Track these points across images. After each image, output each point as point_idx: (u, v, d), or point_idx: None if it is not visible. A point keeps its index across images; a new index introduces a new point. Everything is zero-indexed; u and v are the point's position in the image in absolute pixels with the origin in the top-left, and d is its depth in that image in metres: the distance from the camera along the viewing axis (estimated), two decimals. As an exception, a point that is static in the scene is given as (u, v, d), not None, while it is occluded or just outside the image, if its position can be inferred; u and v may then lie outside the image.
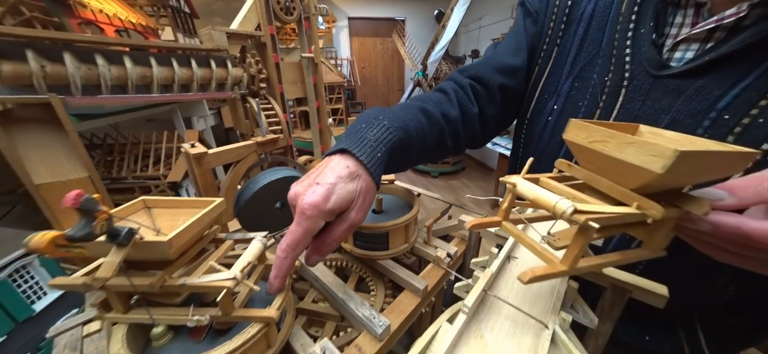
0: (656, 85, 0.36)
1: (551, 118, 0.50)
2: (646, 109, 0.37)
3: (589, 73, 0.44)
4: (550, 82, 0.50)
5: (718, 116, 0.32)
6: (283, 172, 0.50)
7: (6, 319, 0.94)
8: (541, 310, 0.32)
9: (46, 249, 0.20)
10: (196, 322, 0.29)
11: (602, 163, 0.26)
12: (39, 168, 0.38)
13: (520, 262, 0.41)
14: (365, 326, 0.40)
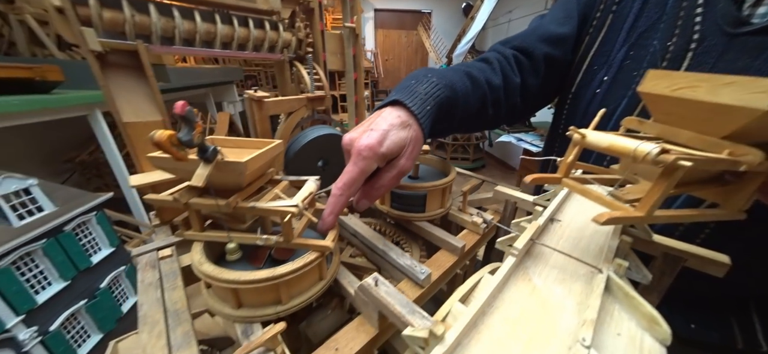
0: (732, 44, 0.34)
1: (600, 90, 0.49)
2: (717, 72, 0.35)
3: (649, 40, 0.42)
4: (602, 52, 0.48)
5: None
6: (326, 129, 0.52)
7: (70, 266, 1.05)
8: (592, 259, 0.32)
9: (164, 143, 0.23)
10: (264, 241, 0.32)
11: (686, 111, 0.25)
12: (126, 108, 0.43)
13: (564, 224, 0.41)
14: (407, 274, 0.41)
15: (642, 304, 0.25)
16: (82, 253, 1.11)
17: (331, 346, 0.31)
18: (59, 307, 1.02)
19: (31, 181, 0.96)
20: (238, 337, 0.30)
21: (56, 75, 1.19)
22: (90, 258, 1.15)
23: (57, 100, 1.18)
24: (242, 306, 0.31)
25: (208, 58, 2.49)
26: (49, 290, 1.00)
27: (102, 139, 1.46)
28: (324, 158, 0.53)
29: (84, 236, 1.14)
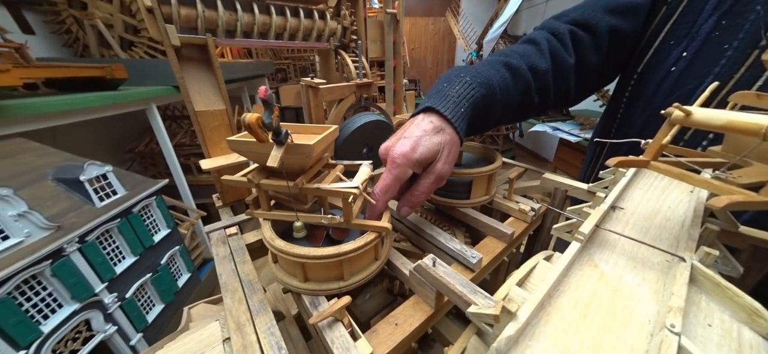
0: None
1: (676, 68, 0.44)
2: None
3: (748, 6, 0.37)
4: (682, 23, 0.43)
5: None
6: (372, 116, 0.53)
7: (138, 244, 1.19)
8: (668, 247, 0.30)
9: (253, 124, 0.25)
10: (328, 220, 0.34)
11: None
12: (197, 98, 0.48)
13: (628, 212, 0.38)
14: (456, 258, 0.41)
15: (739, 295, 0.23)
16: (146, 232, 1.25)
17: (390, 321, 0.33)
18: (131, 279, 1.17)
19: (108, 168, 1.10)
20: (307, 307, 0.32)
21: (122, 73, 1.33)
22: (152, 237, 1.29)
23: (123, 95, 1.32)
24: (308, 280, 0.34)
25: (243, 53, 2.62)
26: (124, 263, 1.14)
27: (157, 131, 1.61)
28: (368, 145, 0.55)
29: (147, 217, 1.28)
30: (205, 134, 0.49)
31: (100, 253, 1.05)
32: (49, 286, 0.91)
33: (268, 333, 0.29)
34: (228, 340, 0.29)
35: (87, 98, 1.15)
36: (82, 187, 1.02)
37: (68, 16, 1.49)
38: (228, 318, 0.31)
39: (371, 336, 0.30)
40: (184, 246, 1.51)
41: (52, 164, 1.02)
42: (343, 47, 0.62)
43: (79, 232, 0.97)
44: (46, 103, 1.02)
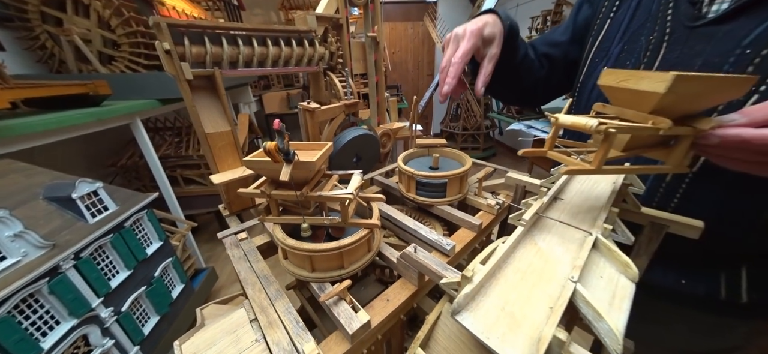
0: (692, 35, 0.43)
1: (592, 75, 0.57)
2: (682, 57, 0.43)
3: (638, 36, 0.49)
4: (601, 49, 0.56)
5: (741, 52, 0.38)
6: (359, 131, 0.62)
7: (131, 258, 1.21)
8: (586, 227, 0.40)
9: (273, 150, 0.33)
10: (330, 221, 0.42)
11: (627, 97, 0.34)
12: (206, 122, 0.54)
13: (566, 201, 0.49)
14: (435, 246, 0.51)
15: (619, 255, 0.33)
16: (139, 245, 1.27)
17: (383, 298, 0.41)
18: (126, 292, 1.19)
19: (99, 184, 1.11)
20: (316, 291, 0.40)
21: (106, 89, 1.33)
22: (145, 250, 1.30)
23: (108, 111, 1.32)
24: (315, 270, 0.42)
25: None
26: (118, 278, 1.16)
27: (142, 144, 1.61)
28: (357, 154, 0.63)
29: (139, 231, 1.29)
30: (214, 153, 0.55)
31: (95, 268, 1.06)
32: (46, 304, 0.92)
33: (286, 312, 0.37)
34: (254, 320, 0.37)
35: (72, 116, 1.16)
36: (74, 204, 1.03)
37: (42, 32, 1.46)
38: (252, 304, 0.38)
39: (368, 309, 0.39)
40: (176, 257, 1.52)
41: (41, 183, 1.02)
42: (331, 69, 0.70)
43: (74, 249, 0.98)
44: (33, 123, 1.03)
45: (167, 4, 1.74)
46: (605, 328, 0.26)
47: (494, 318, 0.29)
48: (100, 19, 1.48)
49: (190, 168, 2.11)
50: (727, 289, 0.47)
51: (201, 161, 2.10)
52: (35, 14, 1.40)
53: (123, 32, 1.50)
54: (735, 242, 0.45)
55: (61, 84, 1.16)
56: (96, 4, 1.41)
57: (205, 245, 2.40)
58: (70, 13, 1.43)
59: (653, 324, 0.54)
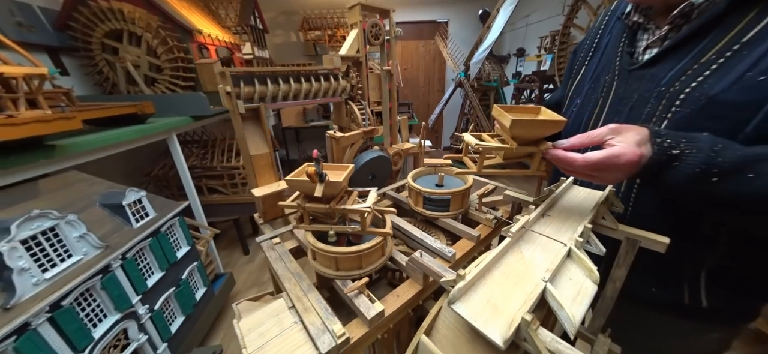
0: (631, 76, 0.55)
1: (574, 108, 0.66)
2: (626, 91, 0.55)
3: (601, 77, 0.61)
4: (577, 87, 0.66)
5: (660, 89, 0.49)
6: (374, 153, 0.72)
7: (164, 260, 1.34)
8: (565, 240, 0.48)
9: (312, 174, 0.44)
10: (353, 229, 0.52)
11: (501, 124, 0.48)
12: (251, 146, 0.66)
13: (552, 217, 0.57)
14: (438, 254, 0.59)
15: (586, 262, 0.41)
16: (171, 249, 1.40)
17: (394, 294, 0.50)
18: (159, 292, 1.31)
19: (142, 193, 1.26)
20: (340, 286, 0.50)
21: (151, 108, 1.51)
22: (176, 253, 1.44)
23: (151, 128, 1.49)
24: (339, 269, 0.51)
25: (249, 82, 2.83)
26: (154, 278, 1.29)
27: (176, 157, 1.78)
28: (373, 173, 0.73)
29: (172, 236, 1.43)
30: (256, 171, 0.66)
31: (136, 268, 1.20)
32: (98, 298, 1.05)
33: (317, 302, 0.46)
34: (292, 308, 0.46)
35: (125, 133, 1.33)
36: (123, 210, 1.18)
37: (101, 60, 1.68)
38: (289, 295, 0.48)
39: (382, 302, 0.48)
40: (201, 262, 1.65)
41: (98, 192, 1.18)
42: (352, 98, 0.82)
43: (122, 251, 1.12)
44: (94, 139, 1.20)
45: (204, 33, 1.95)
46: (564, 316, 0.34)
47: (481, 307, 0.38)
48: (148, 48, 1.69)
49: (215, 178, 2.28)
50: (689, 296, 0.53)
51: (224, 172, 2.27)
52: (97, 45, 1.62)
53: (166, 58, 1.71)
54: (691, 253, 0.52)
55: (117, 105, 1.34)
56: (147, 35, 1.62)
57: (222, 252, 2.53)
58: (126, 43, 1.65)
59: (637, 330, 0.60)
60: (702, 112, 0.44)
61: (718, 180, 0.39)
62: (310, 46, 4.01)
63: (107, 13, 1.58)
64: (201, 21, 2.17)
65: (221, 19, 2.69)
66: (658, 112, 0.48)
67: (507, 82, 4.20)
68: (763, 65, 0.39)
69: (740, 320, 0.55)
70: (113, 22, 1.60)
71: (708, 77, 0.43)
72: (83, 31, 1.62)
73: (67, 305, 0.92)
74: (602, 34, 0.66)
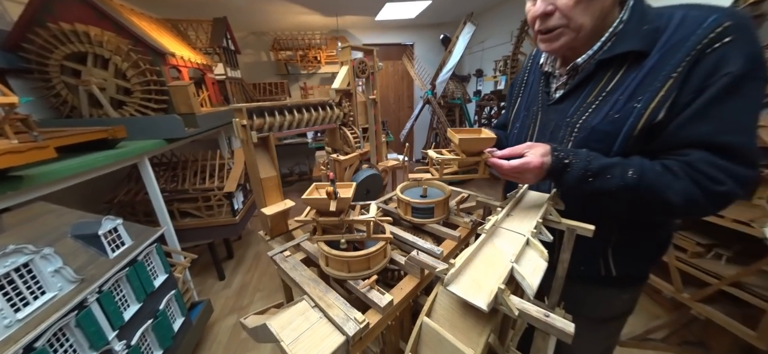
0: (548, 109, 0.73)
1: (516, 130, 0.84)
2: (546, 121, 0.73)
3: (531, 106, 0.79)
4: (516, 114, 0.85)
5: (567, 120, 0.67)
6: (370, 171, 0.84)
7: (142, 290, 1.28)
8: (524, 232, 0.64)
9: (330, 192, 0.53)
10: (360, 237, 0.62)
11: (454, 142, 0.65)
12: (261, 170, 0.72)
13: (514, 217, 0.72)
14: (429, 252, 0.71)
15: (539, 247, 0.57)
16: (149, 278, 1.34)
17: (397, 287, 0.61)
18: (136, 325, 1.24)
19: (119, 221, 1.21)
20: (353, 286, 0.59)
21: (122, 133, 1.46)
22: (153, 282, 1.37)
23: (123, 152, 1.44)
24: (351, 271, 0.61)
25: (220, 100, 2.78)
26: (130, 310, 1.22)
27: (147, 181, 1.71)
28: (368, 189, 0.84)
29: (148, 264, 1.37)
30: (266, 192, 0.73)
31: (113, 301, 1.14)
32: (71, 337, 0.98)
33: (336, 299, 0.55)
34: (315, 307, 0.54)
35: (96, 159, 1.28)
36: (97, 240, 1.13)
37: (59, 82, 1.58)
38: (311, 295, 0.56)
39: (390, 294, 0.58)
40: (178, 290, 1.58)
41: (68, 223, 1.12)
42: (344, 124, 0.93)
43: (99, 283, 1.07)
44: (64, 167, 1.14)
45: (177, 55, 1.93)
46: (526, 285, 0.48)
47: (468, 286, 0.50)
48: (117, 70, 1.64)
49: (187, 201, 2.19)
50: (604, 269, 0.72)
51: (199, 195, 2.19)
52: (55, 68, 1.53)
53: (138, 81, 1.66)
54: (600, 237, 0.70)
55: (88, 130, 1.29)
56: (116, 58, 1.58)
57: (195, 279, 2.39)
58: (90, 65, 1.58)
59: (579, 301, 0.77)
60: (588, 137, 0.63)
61: (592, 179, 0.58)
62: (281, 66, 4.05)
63: (70, 35, 1.52)
64: (172, 43, 2.13)
65: (191, 41, 2.65)
66: (566, 135, 0.67)
67: (469, 99, 4.62)
68: (617, 107, 0.59)
69: (639, 282, 0.76)
70: (76, 45, 1.54)
71: (590, 114, 0.63)
72: (39, 54, 1.52)
73: (41, 347, 0.87)
74: (529, 74, 0.85)
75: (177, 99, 1.80)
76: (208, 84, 2.51)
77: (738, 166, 0.53)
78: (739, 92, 0.53)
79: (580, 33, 0.60)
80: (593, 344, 0.86)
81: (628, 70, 0.60)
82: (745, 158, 0.53)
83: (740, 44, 0.52)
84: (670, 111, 0.56)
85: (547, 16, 0.60)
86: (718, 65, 0.52)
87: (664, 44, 0.57)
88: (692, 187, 0.54)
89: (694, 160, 0.54)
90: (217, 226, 2.19)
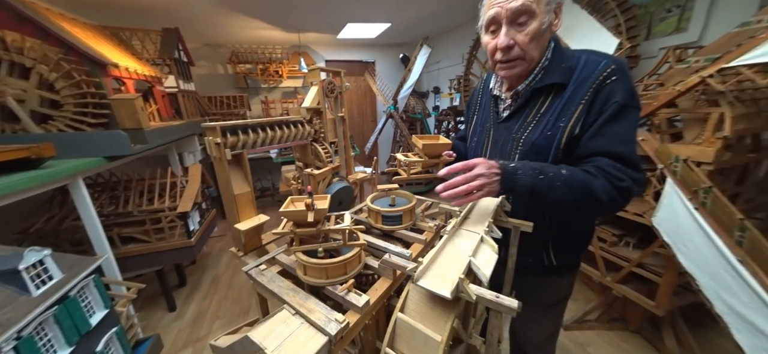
0: (498, 126, 0.86)
1: (473, 144, 0.98)
2: (497, 136, 0.85)
3: (485, 123, 0.93)
4: (473, 130, 0.99)
5: (513, 136, 0.80)
6: (341, 184, 0.89)
7: (74, 332, 1.11)
8: (479, 231, 0.74)
9: (309, 203, 0.57)
10: (337, 244, 0.66)
11: (417, 147, 0.79)
12: (235, 186, 0.71)
13: (471, 219, 0.84)
14: (399, 255, 0.78)
15: (491, 243, 0.67)
16: (84, 317, 1.16)
17: (374, 289, 0.66)
18: (67, 372, 1.07)
19: (46, 252, 1.05)
20: (331, 290, 0.63)
21: (50, 151, 1.27)
22: (89, 320, 1.20)
23: (53, 173, 1.26)
24: (329, 277, 0.65)
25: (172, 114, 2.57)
26: (60, 355, 1.05)
27: (82, 205, 1.51)
28: (340, 200, 0.88)
29: (83, 299, 1.20)
30: (239, 207, 0.72)
31: (36, 348, 0.97)
32: (-20, 396, 0.82)
33: (316, 304, 0.58)
34: (296, 314, 0.57)
35: (16, 181, 1.10)
36: (18, 277, 0.96)
37: (-39, 92, 1.34)
38: (291, 304, 0.58)
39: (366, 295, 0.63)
40: (121, 327, 1.39)
41: (-22, 258, 0.94)
42: (315, 140, 0.97)
43: (16, 328, 0.91)
44: (-26, 192, 0.97)
45: (121, 66, 1.77)
46: (481, 274, 0.58)
47: (435, 279, 0.58)
48: (41, 80, 1.45)
49: (131, 225, 1.95)
50: (547, 260, 0.87)
51: (146, 217, 1.96)
52: (-42, 75, 1.30)
53: (69, 93, 1.49)
54: (542, 232, 0.85)
55: (5, 149, 1.11)
56: (41, 67, 1.40)
57: (139, 313, 2.11)
58: (5, 74, 1.37)
59: (530, 289, 0.91)
60: (530, 150, 0.78)
61: (542, 177, 0.70)
62: (240, 79, 3.89)
63: (-21, 39, 1.31)
64: (113, 53, 1.94)
65: (137, 52, 2.43)
66: (514, 148, 0.81)
67: (429, 114, 4.95)
68: (548, 125, 0.75)
69: (574, 269, 0.93)
70: (-12, 50, 1.33)
71: (530, 131, 0.78)
72: (-65, 58, 1.28)
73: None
74: (482, 95, 0.99)
75: (121, 113, 1.64)
76: (157, 97, 2.31)
77: (628, 168, 0.71)
78: (623, 116, 0.71)
79: (531, 64, 0.76)
80: (543, 327, 1.01)
81: (554, 97, 0.77)
82: (632, 163, 0.71)
83: (622, 82, 0.70)
84: (582, 128, 0.73)
85: (509, 48, 0.74)
86: (609, 96, 0.70)
87: (576, 79, 0.74)
88: (607, 183, 0.69)
89: (602, 164, 0.71)
90: (168, 250, 1.99)
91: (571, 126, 0.73)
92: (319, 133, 0.95)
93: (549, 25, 0.71)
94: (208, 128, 0.65)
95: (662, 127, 1.38)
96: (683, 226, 1.14)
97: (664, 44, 1.86)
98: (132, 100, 1.65)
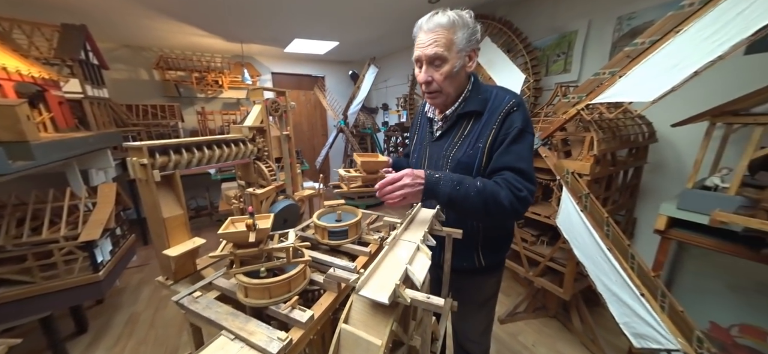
0: (432, 144, 1.01)
1: (414, 160, 1.10)
2: (432, 153, 1.00)
3: (422, 140, 1.06)
4: (415, 147, 1.12)
5: (443, 153, 0.94)
6: (286, 202, 0.89)
7: None
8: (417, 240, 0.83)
9: (250, 224, 0.58)
10: (281, 263, 0.67)
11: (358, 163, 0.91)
12: (164, 209, 0.64)
13: (411, 230, 0.93)
14: (345, 269, 0.82)
15: (426, 250, 0.77)
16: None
17: (319, 304, 0.69)
18: None
19: None
20: (274, 310, 0.63)
21: None
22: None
23: None
24: (272, 296, 0.65)
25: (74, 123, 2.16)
26: None
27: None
28: (285, 218, 0.88)
29: None
30: (169, 232, 0.65)
31: None
32: None
33: (258, 326, 0.58)
34: (235, 339, 0.55)
35: None
36: None
37: None
38: (231, 329, 0.57)
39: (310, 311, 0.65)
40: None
41: None
42: (259, 159, 0.95)
43: None
44: None
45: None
46: (415, 278, 0.66)
47: (375, 288, 0.64)
48: None
49: (7, 263, 1.54)
50: (477, 262, 1.02)
51: (28, 251, 1.58)
52: None
53: None
54: (471, 237, 1.00)
55: None
56: None
57: (17, 376, 1.65)
58: None
59: (465, 289, 1.03)
60: (457, 166, 0.92)
61: (459, 187, 0.83)
62: (170, 87, 3.48)
63: None
64: (-15, 47, 1.58)
65: (20, 48, 1.99)
66: (444, 164, 0.95)
67: (378, 129, 5.14)
68: (471, 145, 0.91)
69: (500, 268, 1.10)
70: None
71: (456, 149, 0.93)
72: None
73: None
74: (421, 117, 1.13)
75: (-3, 122, 1.34)
76: (51, 103, 1.92)
77: (526, 181, 0.89)
78: (522, 139, 0.90)
79: (448, 97, 0.91)
80: (478, 323, 1.15)
81: (474, 122, 0.93)
82: (529, 177, 0.90)
83: (520, 113, 0.90)
84: (493, 147, 0.89)
85: (428, 83, 0.88)
86: (512, 122, 0.89)
87: (489, 108, 0.92)
88: (510, 194, 0.86)
89: (507, 177, 0.87)
90: (63, 290, 1.63)
91: (488, 146, 0.90)
92: (262, 152, 0.94)
93: (462, 66, 0.88)
94: (132, 149, 0.60)
95: (558, 146, 1.73)
96: (575, 224, 1.45)
97: (557, 81, 2.36)
98: (12, 106, 1.36)
